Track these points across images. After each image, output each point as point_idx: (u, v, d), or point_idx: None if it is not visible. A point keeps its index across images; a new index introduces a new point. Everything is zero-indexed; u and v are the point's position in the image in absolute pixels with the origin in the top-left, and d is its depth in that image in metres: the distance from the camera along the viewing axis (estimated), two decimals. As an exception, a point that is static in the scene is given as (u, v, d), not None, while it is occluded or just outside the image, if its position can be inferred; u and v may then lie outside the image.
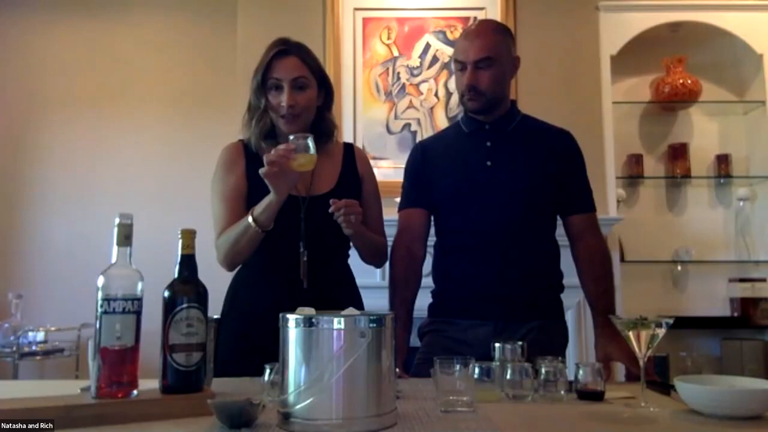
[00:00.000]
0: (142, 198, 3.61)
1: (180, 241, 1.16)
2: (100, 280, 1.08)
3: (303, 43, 1.67)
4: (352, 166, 1.73)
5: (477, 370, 1.21)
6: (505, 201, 1.68)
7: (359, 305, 1.67)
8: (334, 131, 1.73)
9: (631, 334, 1.18)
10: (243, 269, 1.69)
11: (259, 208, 1.48)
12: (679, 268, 3.58)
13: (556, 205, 1.75)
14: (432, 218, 1.81)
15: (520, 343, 1.36)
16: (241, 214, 1.54)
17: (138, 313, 1.09)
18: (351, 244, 1.71)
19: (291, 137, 1.41)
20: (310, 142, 1.40)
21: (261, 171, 1.41)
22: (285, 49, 1.61)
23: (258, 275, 1.65)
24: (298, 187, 1.60)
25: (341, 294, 1.65)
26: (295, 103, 1.59)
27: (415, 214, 1.77)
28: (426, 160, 1.79)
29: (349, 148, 1.77)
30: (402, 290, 1.73)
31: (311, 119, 1.66)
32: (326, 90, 1.69)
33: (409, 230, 1.77)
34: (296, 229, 1.59)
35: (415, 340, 1.74)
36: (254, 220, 1.48)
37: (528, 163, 1.71)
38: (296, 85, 1.59)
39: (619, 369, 3.17)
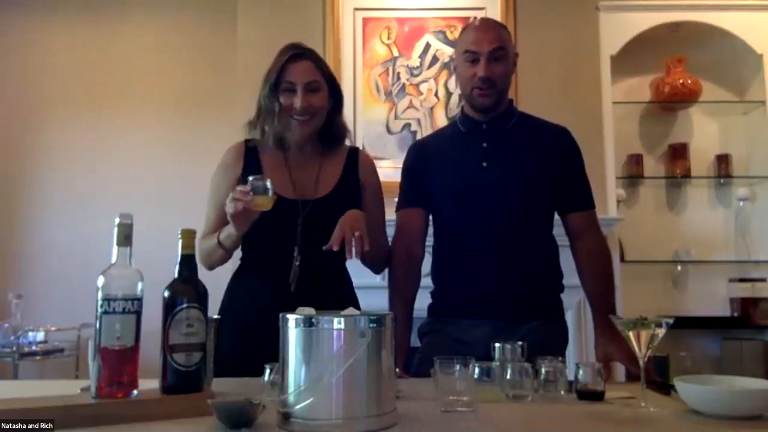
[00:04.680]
0: (142, 198, 3.60)
1: (180, 241, 1.16)
2: (100, 280, 1.08)
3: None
4: (353, 172, 1.72)
5: (477, 370, 1.21)
6: (503, 202, 1.67)
7: (355, 307, 1.66)
8: (345, 136, 1.75)
9: (631, 334, 1.18)
10: (240, 269, 1.71)
11: (223, 234, 1.55)
12: (679, 268, 3.58)
13: (554, 204, 1.74)
14: (431, 218, 1.81)
15: (520, 343, 1.36)
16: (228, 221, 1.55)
17: (138, 313, 1.09)
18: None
19: (250, 178, 1.43)
20: (269, 184, 1.43)
21: (227, 209, 1.44)
22: (299, 53, 1.64)
23: (254, 276, 1.67)
24: (297, 191, 1.62)
25: (337, 296, 1.64)
26: (308, 105, 1.61)
27: (413, 214, 1.76)
28: (423, 160, 1.79)
29: (353, 153, 1.77)
30: (401, 290, 1.73)
31: (322, 122, 1.68)
32: (336, 95, 1.71)
33: (407, 230, 1.77)
34: (293, 233, 1.60)
35: (415, 340, 1.74)
36: (220, 243, 1.56)
37: (525, 163, 1.69)
38: (309, 88, 1.61)
39: (619, 369, 3.17)
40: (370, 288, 1.84)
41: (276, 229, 1.58)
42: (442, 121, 3.30)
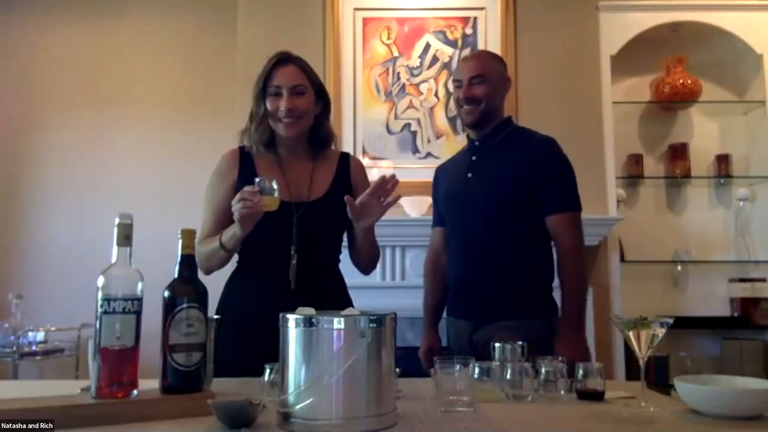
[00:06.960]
0: (142, 198, 3.61)
1: (180, 241, 1.16)
2: (100, 280, 1.08)
3: (302, 55, 1.73)
4: (345, 175, 1.76)
5: (477, 370, 1.21)
6: (484, 207, 1.80)
7: (350, 306, 1.67)
8: (332, 139, 1.78)
9: (631, 334, 1.19)
10: (237, 269, 1.73)
11: (226, 236, 1.56)
12: (679, 268, 3.58)
13: (532, 209, 1.79)
14: None
15: (520, 342, 1.36)
16: (225, 225, 1.59)
17: (138, 313, 1.09)
18: (344, 247, 1.74)
19: (257, 180, 1.46)
20: (275, 185, 1.45)
21: (234, 209, 1.46)
22: (285, 58, 1.69)
23: (250, 277, 1.69)
24: (291, 193, 1.64)
25: (332, 297, 1.66)
26: (294, 107, 1.64)
27: (436, 233, 2.02)
28: (437, 182, 2.02)
29: (344, 157, 1.81)
30: (428, 298, 1.99)
31: (309, 125, 1.71)
32: (324, 100, 1.74)
33: (432, 247, 2.03)
34: (288, 234, 1.62)
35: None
36: (222, 245, 1.56)
37: (504, 172, 1.81)
38: (295, 91, 1.65)
39: (619, 369, 3.18)
40: (369, 288, 1.85)
41: (271, 231, 1.59)
42: (442, 121, 3.31)
